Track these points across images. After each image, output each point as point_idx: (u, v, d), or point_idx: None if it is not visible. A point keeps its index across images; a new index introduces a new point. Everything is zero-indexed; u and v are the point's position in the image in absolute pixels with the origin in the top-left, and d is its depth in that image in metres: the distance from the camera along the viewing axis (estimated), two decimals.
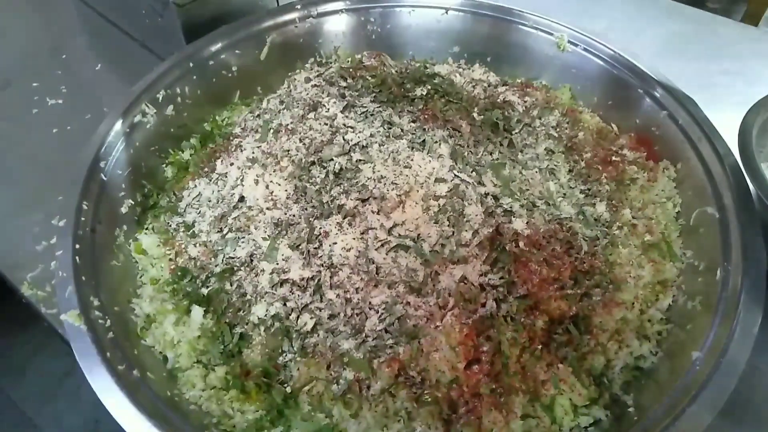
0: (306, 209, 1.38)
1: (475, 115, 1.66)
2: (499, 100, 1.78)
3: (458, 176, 1.40)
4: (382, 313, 1.24)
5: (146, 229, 1.59)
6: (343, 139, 1.47)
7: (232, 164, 1.57)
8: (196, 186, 1.63)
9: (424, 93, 1.67)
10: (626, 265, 1.47)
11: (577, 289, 1.36)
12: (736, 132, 1.57)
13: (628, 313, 1.43)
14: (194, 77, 1.83)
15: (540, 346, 1.29)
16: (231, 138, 1.70)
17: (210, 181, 1.62)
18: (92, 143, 1.56)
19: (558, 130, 1.71)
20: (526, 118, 1.70)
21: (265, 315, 1.31)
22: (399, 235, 1.30)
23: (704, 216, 1.54)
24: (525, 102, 1.75)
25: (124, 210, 1.57)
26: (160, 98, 1.74)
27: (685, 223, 1.60)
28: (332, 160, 1.40)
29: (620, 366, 1.35)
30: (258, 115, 1.70)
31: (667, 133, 1.75)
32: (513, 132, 1.63)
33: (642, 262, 1.50)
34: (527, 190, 1.49)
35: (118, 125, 1.62)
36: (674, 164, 1.69)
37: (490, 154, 1.53)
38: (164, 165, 1.75)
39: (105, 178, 1.53)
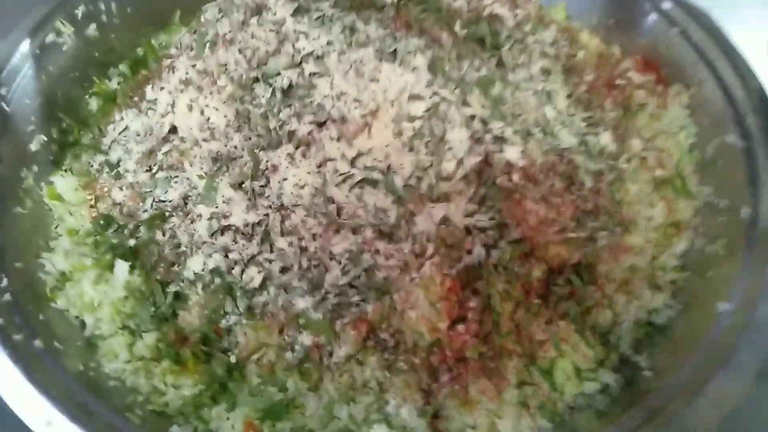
0: (249, 139, 1.22)
1: (457, 29, 1.42)
2: (485, 14, 1.53)
3: (438, 93, 1.20)
4: (346, 264, 1.13)
5: (63, 170, 1.46)
6: (293, 47, 1.25)
7: (162, 89, 1.38)
8: (123, 118, 1.45)
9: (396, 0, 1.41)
10: (636, 203, 1.37)
11: (580, 232, 1.24)
12: (762, 52, 1.44)
13: (639, 259, 1.32)
14: None
15: (537, 301, 1.21)
16: (164, 60, 1.51)
17: (140, 112, 1.44)
18: None
19: (555, 47, 1.50)
20: (518, 33, 1.47)
21: (203, 269, 1.19)
22: (365, 166, 1.15)
23: (724, 146, 1.41)
24: (515, 16, 1.55)
25: (34, 147, 1.43)
26: (80, 15, 1.55)
27: (700, 155, 1.48)
28: (279, 74, 1.22)
29: (630, 321, 1.27)
30: (194, 31, 1.46)
31: (678, 54, 1.57)
32: (502, 49, 1.43)
33: (653, 201, 1.40)
34: (520, 115, 1.30)
35: (25, 45, 1.45)
36: (687, 89, 1.54)
37: (477, 70, 1.29)
38: (87, 96, 1.59)
39: (7, 108, 1.39)
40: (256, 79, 1.24)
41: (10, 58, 1.42)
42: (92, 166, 1.43)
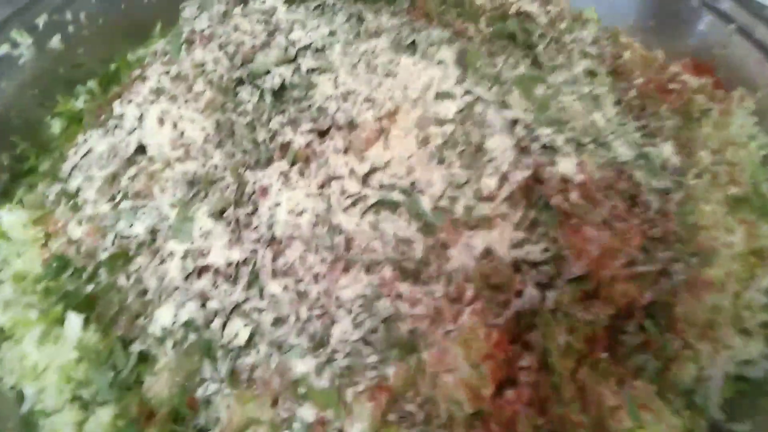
0: (233, 155, 1.09)
1: (482, 26, 1.27)
2: (511, 11, 1.40)
3: (471, 92, 1.03)
4: (358, 314, 0.98)
5: (13, 203, 1.32)
6: (286, 39, 1.09)
7: (130, 102, 1.25)
8: (86, 140, 1.32)
9: None
10: (712, 228, 1.20)
11: (651, 265, 1.07)
12: None
13: (721, 297, 1.14)
14: (93, 0, 1.53)
15: (604, 354, 1.02)
16: (135, 71, 1.38)
17: (106, 131, 1.29)
18: None
19: (597, 47, 1.40)
20: (552, 31, 1.36)
21: (174, 322, 1.05)
22: (381, 185, 1.00)
23: None
24: (548, 12, 1.41)
25: None
26: (41, 24, 1.44)
27: None
28: (269, 72, 1.07)
29: (719, 377, 1.09)
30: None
31: (738, 53, 1.46)
32: (536, 48, 1.30)
33: (730, 224, 1.23)
34: (567, 122, 1.15)
35: None
36: (753, 92, 1.41)
37: (513, 68, 1.11)
38: (49, 117, 1.48)
39: None
40: (240, 81, 1.11)
41: None
42: (48, 197, 1.28)
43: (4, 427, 1.03)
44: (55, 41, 1.46)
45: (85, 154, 1.29)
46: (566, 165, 1.01)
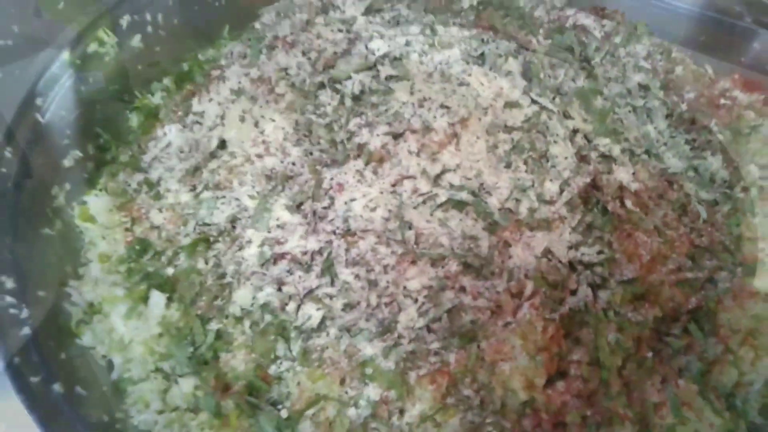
0: (311, 153, 1.12)
1: (540, 38, 1.29)
2: (568, 25, 1.43)
3: (537, 102, 1.06)
4: (423, 303, 1.01)
5: (98, 190, 1.36)
6: (366, 48, 1.14)
7: (211, 100, 1.29)
8: (165, 134, 1.37)
9: (475, 3, 1.34)
10: (759, 239, 1.23)
11: (698, 272, 1.12)
12: None
13: (765, 307, 1.16)
14: (170, 2, 1.56)
15: (650, 354, 1.06)
16: (213, 71, 1.42)
17: (184, 126, 1.35)
18: (28, 74, 1.32)
19: (650, 61, 1.43)
20: (607, 45, 1.40)
21: (252, 304, 1.08)
22: (450, 185, 1.03)
23: None
24: (603, 27, 1.45)
25: (68, 163, 1.34)
26: (125, 25, 1.49)
27: None
28: (349, 78, 1.11)
29: (760, 382, 1.11)
30: (249, 38, 1.40)
31: None
32: (592, 61, 1.33)
33: None
34: (622, 133, 1.19)
35: (65, 54, 1.37)
36: None
37: (573, 80, 1.15)
38: (128, 111, 1.52)
39: (42, 120, 1.30)
40: (322, 85, 1.14)
41: (50, 66, 1.34)
42: (129, 185, 1.33)
43: (99, 391, 1.07)
44: (136, 40, 1.50)
45: (164, 147, 1.33)
46: (622, 173, 1.05)
